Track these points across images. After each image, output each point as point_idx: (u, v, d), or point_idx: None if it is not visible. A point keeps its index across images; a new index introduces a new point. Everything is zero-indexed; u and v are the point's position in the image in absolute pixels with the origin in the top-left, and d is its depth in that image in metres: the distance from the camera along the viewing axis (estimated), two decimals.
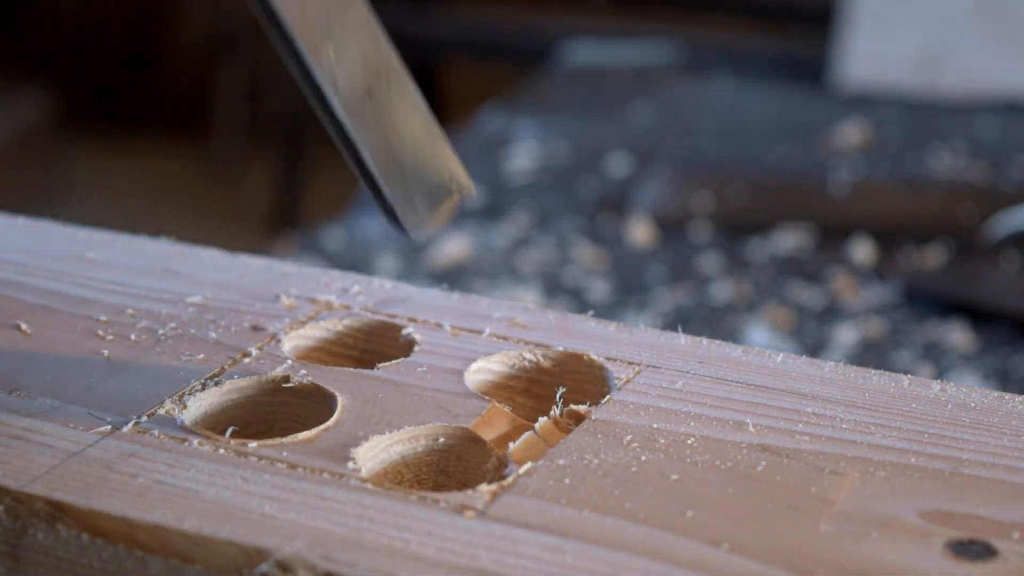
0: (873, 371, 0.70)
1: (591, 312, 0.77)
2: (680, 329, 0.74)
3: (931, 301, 1.48)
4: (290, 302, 0.76)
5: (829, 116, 2.07)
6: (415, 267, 1.57)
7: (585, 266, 1.58)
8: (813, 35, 2.48)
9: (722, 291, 1.51)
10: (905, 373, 1.19)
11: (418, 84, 0.68)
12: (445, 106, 3.86)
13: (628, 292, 1.51)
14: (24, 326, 0.73)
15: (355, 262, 1.58)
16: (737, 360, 0.71)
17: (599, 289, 1.52)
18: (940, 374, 1.33)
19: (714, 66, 2.33)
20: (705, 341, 0.73)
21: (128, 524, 0.58)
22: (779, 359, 0.71)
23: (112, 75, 4.00)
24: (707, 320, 1.44)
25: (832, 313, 1.46)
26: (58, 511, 0.59)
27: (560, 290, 1.52)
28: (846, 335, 1.41)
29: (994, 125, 2.06)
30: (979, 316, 1.44)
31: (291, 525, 0.58)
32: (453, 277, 1.54)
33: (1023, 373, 1.34)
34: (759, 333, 1.40)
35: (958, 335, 1.40)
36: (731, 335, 1.40)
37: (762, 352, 0.72)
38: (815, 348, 1.38)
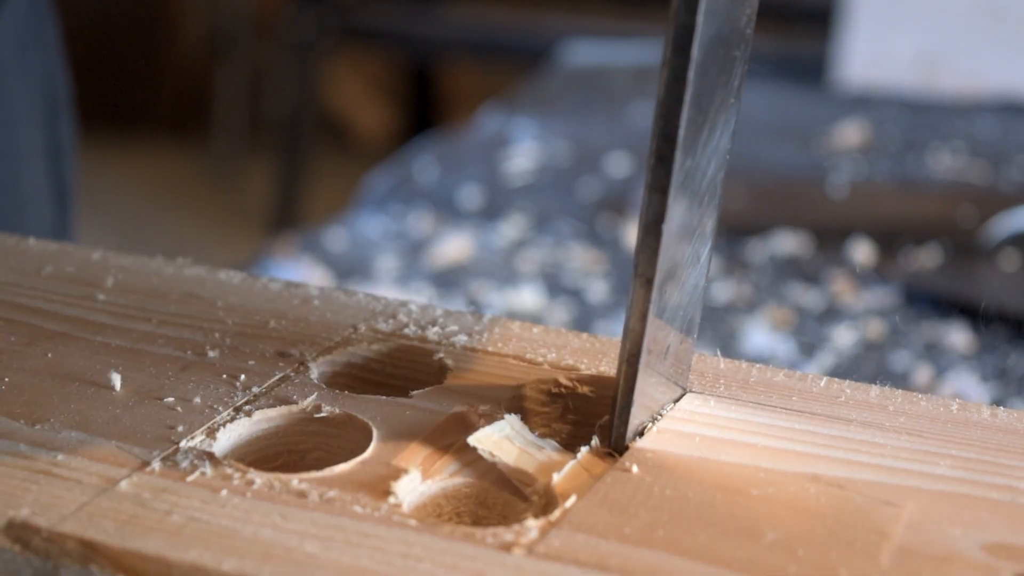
0: (920, 395, 0.68)
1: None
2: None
3: (931, 302, 1.48)
4: (316, 326, 0.73)
5: (829, 116, 2.07)
6: (415, 268, 1.57)
7: (585, 267, 1.58)
8: (813, 35, 2.47)
9: (722, 291, 1.51)
10: (905, 374, 1.18)
11: (418, 84, 0.66)
12: (445, 106, 3.86)
13: (628, 293, 1.51)
14: (45, 355, 0.70)
15: (355, 262, 1.58)
16: (780, 384, 0.69)
17: (599, 289, 1.52)
18: (939, 374, 1.33)
19: None
20: (744, 364, 0.70)
21: (165, 565, 0.55)
22: (823, 383, 0.69)
23: (112, 75, 3.99)
24: (707, 320, 1.44)
25: (832, 314, 1.46)
26: (91, 551, 0.56)
27: (560, 291, 1.52)
28: (845, 336, 1.40)
29: (994, 125, 2.06)
30: (979, 316, 1.44)
31: (334, 565, 0.55)
32: (452, 278, 1.54)
33: (1023, 373, 1.34)
34: (759, 334, 1.40)
35: (958, 335, 1.40)
36: (731, 335, 1.40)
37: (804, 376, 0.69)
38: (815, 349, 1.38)
